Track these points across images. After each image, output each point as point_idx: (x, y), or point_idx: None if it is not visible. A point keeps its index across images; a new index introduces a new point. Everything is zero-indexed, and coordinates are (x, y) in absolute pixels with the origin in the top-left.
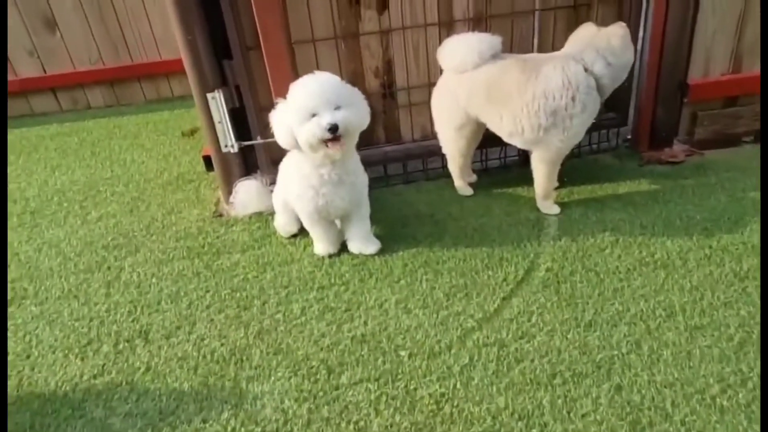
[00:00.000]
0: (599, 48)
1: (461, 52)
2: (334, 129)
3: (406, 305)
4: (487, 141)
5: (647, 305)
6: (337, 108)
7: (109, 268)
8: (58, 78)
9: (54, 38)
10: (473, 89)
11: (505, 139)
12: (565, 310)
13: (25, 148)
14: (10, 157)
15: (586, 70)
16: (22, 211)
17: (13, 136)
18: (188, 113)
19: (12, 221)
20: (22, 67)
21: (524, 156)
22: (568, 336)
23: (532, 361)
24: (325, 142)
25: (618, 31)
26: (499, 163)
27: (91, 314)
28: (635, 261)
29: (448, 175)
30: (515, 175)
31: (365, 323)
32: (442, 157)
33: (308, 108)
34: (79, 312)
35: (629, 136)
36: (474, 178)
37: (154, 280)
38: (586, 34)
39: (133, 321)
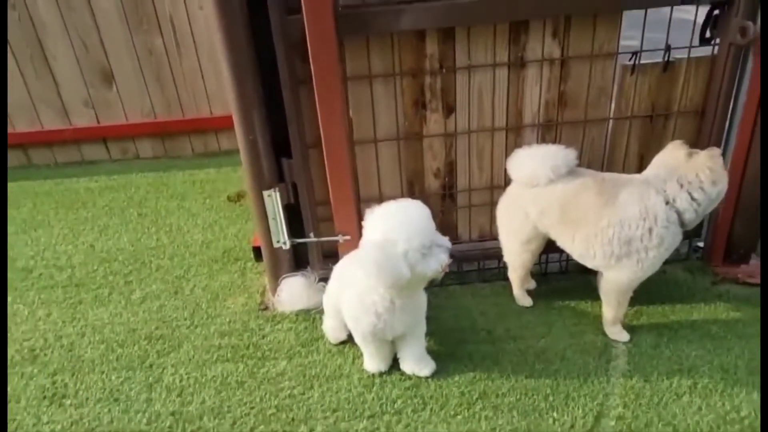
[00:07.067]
0: (685, 182)
1: (532, 166)
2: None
3: None
4: (547, 247)
5: None
6: None
7: (151, 366)
8: (111, 129)
9: (111, 92)
10: (546, 207)
11: (575, 258)
12: None
13: (74, 203)
14: (60, 212)
15: (667, 203)
16: (68, 282)
17: (63, 186)
18: (234, 172)
19: (57, 294)
20: (76, 117)
21: None
22: None
23: None
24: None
25: (708, 163)
26: (559, 267)
27: (132, 426)
28: (719, 418)
29: (505, 278)
30: (577, 283)
31: None
32: (499, 258)
33: (426, 244)
34: (119, 422)
35: (701, 244)
36: (533, 284)
37: (197, 386)
38: (672, 160)
39: None
